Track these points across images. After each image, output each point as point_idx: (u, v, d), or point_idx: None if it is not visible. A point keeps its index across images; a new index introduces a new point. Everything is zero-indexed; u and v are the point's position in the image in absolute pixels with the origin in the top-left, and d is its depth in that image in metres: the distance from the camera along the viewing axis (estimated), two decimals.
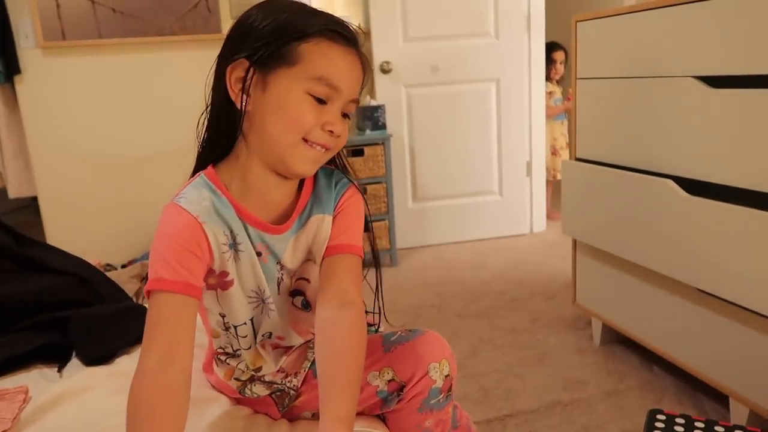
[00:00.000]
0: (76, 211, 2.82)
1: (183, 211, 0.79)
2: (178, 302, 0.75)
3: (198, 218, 0.79)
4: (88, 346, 1.00)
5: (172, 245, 0.77)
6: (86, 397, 0.88)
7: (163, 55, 2.79)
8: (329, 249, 0.87)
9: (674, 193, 1.43)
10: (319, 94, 0.78)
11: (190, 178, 0.86)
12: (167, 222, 0.79)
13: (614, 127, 1.68)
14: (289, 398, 0.93)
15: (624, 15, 1.59)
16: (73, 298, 1.16)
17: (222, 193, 0.82)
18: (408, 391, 0.84)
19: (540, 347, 1.93)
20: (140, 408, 0.70)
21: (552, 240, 3.15)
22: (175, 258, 0.76)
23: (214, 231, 0.80)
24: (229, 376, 0.93)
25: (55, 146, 2.75)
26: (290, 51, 0.77)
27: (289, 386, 0.93)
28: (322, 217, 0.87)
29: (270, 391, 0.94)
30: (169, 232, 0.78)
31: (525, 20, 3.08)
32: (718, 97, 1.32)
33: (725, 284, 1.31)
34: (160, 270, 0.76)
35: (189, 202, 0.80)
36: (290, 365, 0.94)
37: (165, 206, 0.81)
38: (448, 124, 3.11)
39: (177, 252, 0.77)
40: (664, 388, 1.63)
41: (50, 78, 2.69)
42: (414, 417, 0.87)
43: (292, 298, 0.91)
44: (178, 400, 0.71)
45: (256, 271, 0.85)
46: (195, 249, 0.78)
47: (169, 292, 0.75)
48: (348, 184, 0.91)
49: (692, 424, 1.03)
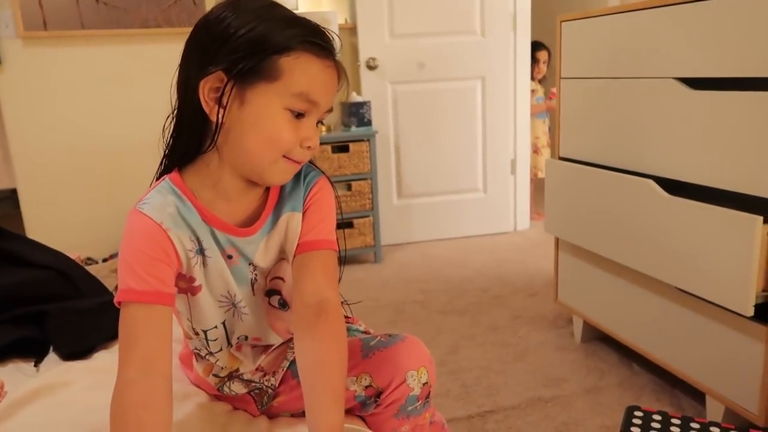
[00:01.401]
0: (57, 203, 2.78)
1: (146, 218, 0.77)
2: (150, 312, 0.74)
3: (162, 225, 0.77)
4: (66, 341, 0.99)
5: (138, 255, 0.75)
6: (63, 392, 0.87)
7: (147, 47, 2.76)
8: (300, 246, 0.84)
9: (655, 192, 1.45)
10: (298, 109, 0.76)
11: (155, 182, 0.83)
12: (131, 230, 0.77)
13: (597, 126, 1.69)
14: (267, 396, 0.93)
15: (608, 16, 1.60)
16: (51, 292, 1.14)
17: (187, 199, 0.80)
18: (385, 397, 0.84)
19: (521, 344, 1.95)
20: (126, 419, 0.69)
21: (535, 238, 3.18)
22: (143, 268, 0.74)
23: (179, 237, 0.78)
24: (208, 372, 0.93)
25: (36, 138, 2.71)
26: (270, 65, 0.74)
27: (267, 385, 0.93)
28: (291, 215, 0.85)
29: (248, 389, 0.93)
30: (134, 241, 0.76)
31: (511, 19, 3.09)
32: (698, 99, 1.34)
33: (703, 283, 1.33)
34: (128, 280, 0.74)
35: (152, 208, 0.78)
36: (269, 364, 0.94)
37: (129, 212, 0.78)
38: (433, 121, 3.11)
39: (144, 261, 0.75)
40: (643, 386, 1.66)
41: (31, 68, 2.65)
42: (390, 422, 0.86)
43: (269, 297, 0.89)
44: (162, 407, 0.71)
45: (225, 276, 0.83)
46: (162, 257, 0.76)
47: (140, 303, 0.74)
48: (317, 176, 0.88)
49: (669, 420, 1.04)
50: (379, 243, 2.91)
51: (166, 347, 0.74)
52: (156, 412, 0.70)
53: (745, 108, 1.23)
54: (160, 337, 0.74)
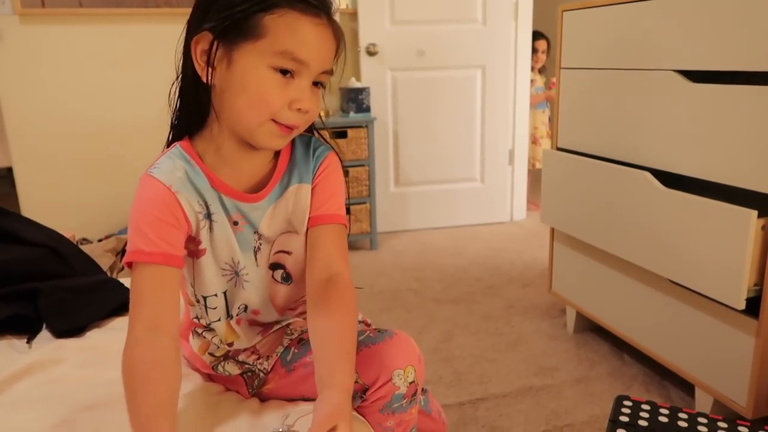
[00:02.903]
0: (52, 183, 2.77)
1: (156, 181, 0.78)
2: (159, 273, 0.76)
3: (171, 188, 0.78)
4: (59, 318, 0.99)
5: (147, 217, 0.77)
6: (55, 369, 0.87)
7: (146, 27, 2.74)
8: (313, 219, 0.86)
9: (651, 185, 1.45)
10: (283, 67, 0.75)
11: (165, 149, 0.85)
12: (142, 194, 0.79)
13: (596, 117, 1.69)
14: (258, 381, 0.93)
15: (610, 6, 1.59)
16: (44, 270, 1.14)
17: (196, 164, 0.81)
18: (370, 394, 0.84)
19: (514, 333, 1.96)
20: (135, 374, 0.71)
21: (531, 228, 3.18)
22: (152, 230, 0.76)
23: (188, 200, 0.79)
24: (204, 350, 0.93)
25: (32, 117, 2.69)
26: (254, 23, 0.73)
27: (259, 368, 0.93)
28: (299, 186, 0.86)
29: (241, 370, 0.93)
30: (144, 203, 0.78)
31: (513, 7, 3.07)
32: (698, 92, 1.34)
33: (696, 276, 1.34)
34: (138, 242, 0.76)
35: (162, 172, 0.79)
36: (264, 348, 0.94)
37: (140, 177, 0.80)
38: (432, 109, 3.10)
39: (153, 224, 0.77)
40: (633, 376, 1.67)
41: (27, 46, 2.62)
42: (375, 416, 0.86)
43: (273, 271, 0.90)
44: (171, 365, 0.73)
45: (230, 242, 0.84)
46: (171, 220, 0.78)
47: (149, 263, 0.76)
48: (327, 151, 0.89)
49: (657, 410, 1.05)
50: (375, 230, 2.92)
51: (173, 308, 0.76)
52: (162, 368, 0.72)
53: (744, 102, 1.23)
54: (168, 298, 0.76)
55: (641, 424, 1.01)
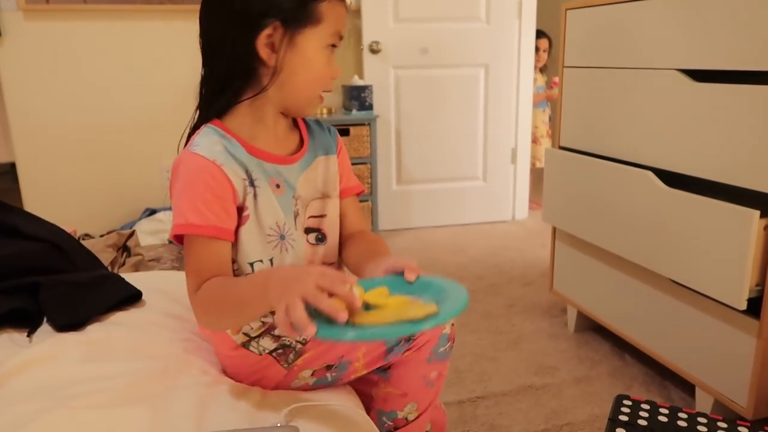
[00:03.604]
0: (55, 178, 2.78)
1: (200, 157, 0.83)
2: (209, 245, 0.82)
3: (215, 161, 0.83)
4: (60, 312, 0.99)
5: (196, 191, 0.82)
6: (55, 363, 0.87)
7: (149, 24, 2.74)
8: (344, 191, 1.00)
9: (653, 184, 1.45)
10: (334, 44, 0.88)
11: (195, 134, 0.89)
12: (188, 169, 0.83)
13: (598, 116, 1.68)
14: (294, 353, 0.93)
15: (613, 5, 1.59)
16: (46, 265, 1.14)
17: (232, 137, 0.87)
18: (420, 337, 0.89)
19: (515, 332, 1.96)
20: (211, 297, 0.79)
21: (533, 227, 3.18)
22: (203, 203, 0.81)
23: (233, 170, 0.84)
24: (237, 331, 0.92)
25: (35, 112, 2.70)
26: (314, 11, 0.85)
27: (297, 340, 0.93)
28: (327, 158, 0.97)
29: (276, 345, 0.92)
30: (193, 178, 0.83)
31: (516, 6, 3.06)
32: (701, 91, 1.33)
33: (698, 276, 1.34)
34: (189, 216, 0.81)
35: (202, 148, 0.84)
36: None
37: (179, 157, 0.86)
38: (435, 107, 3.10)
39: (203, 197, 0.82)
40: (634, 376, 1.67)
41: (31, 42, 2.63)
42: (422, 368, 0.92)
43: (307, 235, 0.95)
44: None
45: (274, 206, 0.89)
46: (220, 192, 0.83)
47: (201, 236, 0.82)
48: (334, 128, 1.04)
49: (657, 410, 1.05)
50: (377, 228, 2.92)
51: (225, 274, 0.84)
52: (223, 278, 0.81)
53: (748, 102, 1.22)
54: (219, 268, 0.82)
55: (641, 424, 1.01)
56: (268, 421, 0.80)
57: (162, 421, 0.76)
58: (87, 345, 0.94)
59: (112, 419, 0.75)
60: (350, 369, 0.93)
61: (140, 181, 2.88)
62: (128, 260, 1.80)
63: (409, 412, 0.96)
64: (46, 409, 0.75)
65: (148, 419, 0.76)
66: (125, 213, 2.85)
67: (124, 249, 1.88)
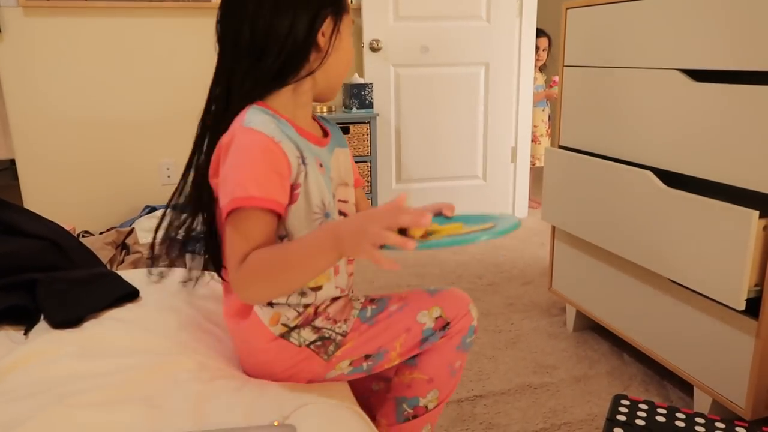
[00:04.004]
0: (55, 175, 2.78)
1: (259, 133, 0.83)
2: (264, 219, 0.82)
3: (274, 138, 0.84)
4: (57, 309, 0.99)
5: (257, 164, 0.82)
6: (51, 359, 0.87)
7: (150, 20, 2.74)
8: (355, 182, 1.04)
9: (652, 184, 1.44)
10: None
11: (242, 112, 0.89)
12: (247, 144, 0.83)
13: (598, 115, 1.68)
14: (334, 345, 0.94)
15: (614, 4, 1.58)
16: (44, 263, 1.14)
17: (280, 116, 0.89)
18: (453, 326, 0.97)
19: (514, 331, 1.95)
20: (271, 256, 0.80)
21: (532, 226, 3.17)
22: (264, 176, 0.82)
23: (289, 148, 0.86)
24: (275, 321, 0.92)
25: (35, 109, 2.69)
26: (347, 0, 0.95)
27: (338, 332, 0.95)
28: (342, 150, 1.01)
29: (316, 336, 0.93)
30: (252, 152, 0.83)
31: (517, 4, 3.06)
32: (701, 91, 1.33)
33: (697, 276, 1.33)
34: (250, 188, 0.81)
35: (258, 125, 0.84)
36: (338, 313, 0.96)
37: (230, 133, 0.84)
38: (435, 106, 3.10)
39: (263, 171, 0.82)
40: (632, 375, 1.66)
41: (31, 39, 2.62)
42: (450, 355, 1.00)
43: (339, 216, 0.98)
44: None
45: (320, 183, 0.90)
46: (278, 168, 0.84)
47: (258, 208, 0.81)
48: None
49: (655, 410, 1.05)
50: None
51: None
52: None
53: (747, 102, 1.22)
54: (266, 244, 0.82)
55: (638, 424, 1.01)
56: (266, 418, 0.79)
57: (158, 420, 0.76)
58: (84, 341, 0.93)
59: (108, 418, 0.75)
60: (386, 358, 0.97)
61: (140, 179, 2.88)
62: (127, 258, 1.80)
63: (430, 399, 1.01)
64: (42, 407, 0.75)
65: (145, 417, 0.75)
66: (125, 210, 2.85)
67: (123, 247, 1.88)
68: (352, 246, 0.76)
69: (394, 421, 1.02)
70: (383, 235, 0.73)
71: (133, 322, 1.02)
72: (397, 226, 0.75)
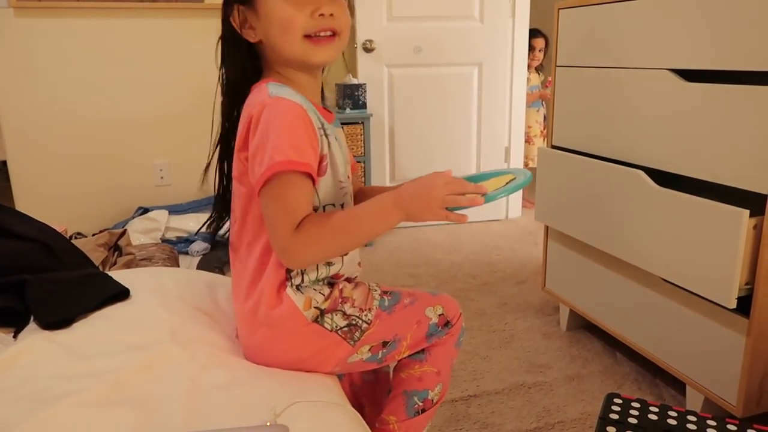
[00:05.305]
0: (47, 176, 2.76)
1: (289, 101, 0.84)
2: (305, 184, 0.84)
3: (302, 106, 0.85)
4: (46, 310, 0.98)
5: (294, 130, 0.83)
6: (40, 360, 0.86)
7: (141, 21, 2.73)
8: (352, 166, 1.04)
9: (644, 183, 1.45)
10: None
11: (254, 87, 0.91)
12: (280, 111, 0.83)
13: (590, 116, 1.69)
14: (360, 331, 0.97)
15: (606, 4, 1.59)
16: (35, 265, 1.13)
17: (297, 91, 0.89)
18: (454, 326, 1.06)
19: (507, 330, 1.96)
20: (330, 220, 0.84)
21: (526, 226, 3.18)
22: (301, 142, 0.83)
23: (314, 118, 0.87)
24: (308, 305, 0.93)
25: (27, 110, 2.68)
26: None
27: (364, 320, 0.98)
28: (339, 131, 1.01)
29: (346, 323, 0.96)
30: (288, 119, 0.83)
31: (510, 5, 3.07)
32: (692, 91, 1.34)
33: (688, 275, 1.34)
34: (289, 153, 0.81)
35: (287, 95, 0.85)
36: (363, 302, 0.99)
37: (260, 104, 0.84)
38: (429, 106, 3.10)
39: (301, 137, 0.83)
40: (625, 374, 1.67)
41: (23, 39, 2.61)
42: (452, 351, 1.08)
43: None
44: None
45: (341, 155, 0.94)
46: (312, 137, 0.85)
47: (297, 172, 0.82)
48: None
49: (647, 408, 1.05)
50: None
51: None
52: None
53: (737, 102, 1.23)
54: (309, 211, 0.85)
55: (631, 422, 1.01)
56: (258, 417, 0.79)
57: (149, 420, 0.75)
58: (74, 342, 0.93)
59: (98, 419, 0.75)
60: (398, 348, 1.01)
61: (133, 180, 2.87)
62: (119, 260, 1.79)
63: (436, 393, 1.06)
64: (32, 410, 0.75)
65: (135, 418, 0.75)
66: (118, 211, 2.83)
67: (115, 248, 1.87)
68: (421, 209, 0.84)
69: (405, 416, 1.04)
70: (455, 198, 0.83)
71: (123, 320, 1.01)
72: (464, 192, 0.83)
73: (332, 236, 0.85)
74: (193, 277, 1.24)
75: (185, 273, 1.30)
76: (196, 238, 2.56)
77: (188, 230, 2.59)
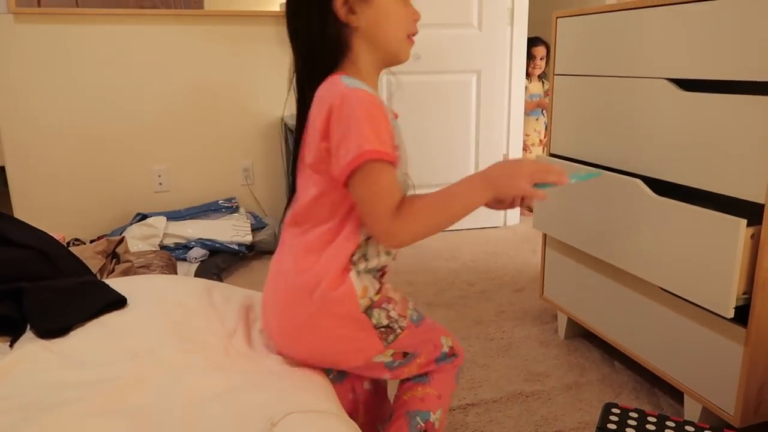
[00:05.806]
0: (45, 183, 2.76)
1: (365, 92, 0.87)
2: (393, 171, 0.87)
3: (378, 97, 0.88)
4: (43, 318, 0.98)
5: (377, 121, 0.85)
6: (36, 369, 0.86)
7: (142, 29, 2.74)
8: None
9: (642, 192, 1.45)
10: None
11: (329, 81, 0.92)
12: (361, 101, 0.86)
13: (588, 124, 1.69)
14: (393, 335, 0.99)
15: (604, 14, 1.60)
16: (32, 273, 1.13)
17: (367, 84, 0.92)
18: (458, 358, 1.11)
19: (505, 339, 1.96)
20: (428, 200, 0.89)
21: (524, 234, 3.18)
22: (386, 130, 0.86)
23: (387, 111, 0.90)
24: (364, 293, 0.95)
25: (25, 116, 2.68)
26: None
27: (399, 325, 1.00)
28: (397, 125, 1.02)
29: (387, 322, 0.98)
30: (369, 110, 0.86)
31: (508, 13, 3.08)
32: (689, 100, 1.34)
33: (686, 284, 1.34)
34: (375, 143, 0.84)
35: (362, 86, 0.88)
36: (401, 307, 1.01)
37: (339, 95, 0.86)
38: (427, 113, 3.11)
39: (381, 126, 0.86)
40: (623, 383, 1.67)
41: (22, 46, 2.62)
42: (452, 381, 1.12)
43: None
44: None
45: (404, 151, 0.97)
46: (389, 128, 0.88)
47: (385, 162, 0.85)
48: None
49: (645, 418, 1.05)
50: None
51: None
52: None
53: (735, 111, 1.23)
54: (401, 196, 0.89)
55: None
56: (255, 427, 0.79)
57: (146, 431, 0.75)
58: (70, 350, 0.93)
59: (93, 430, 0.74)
60: (412, 363, 1.04)
61: (131, 186, 2.87)
62: (117, 267, 1.79)
63: (437, 417, 1.07)
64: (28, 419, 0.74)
65: (132, 429, 0.75)
66: (116, 218, 2.83)
67: (113, 256, 1.87)
68: (509, 186, 0.91)
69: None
70: (542, 176, 0.90)
71: (120, 329, 1.01)
72: (548, 172, 0.91)
73: (431, 214, 0.90)
74: (191, 284, 1.24)
75: (182, 280, 1.30)
76: (195, 244, 2.55)
77: (186, 236, 2.59)
